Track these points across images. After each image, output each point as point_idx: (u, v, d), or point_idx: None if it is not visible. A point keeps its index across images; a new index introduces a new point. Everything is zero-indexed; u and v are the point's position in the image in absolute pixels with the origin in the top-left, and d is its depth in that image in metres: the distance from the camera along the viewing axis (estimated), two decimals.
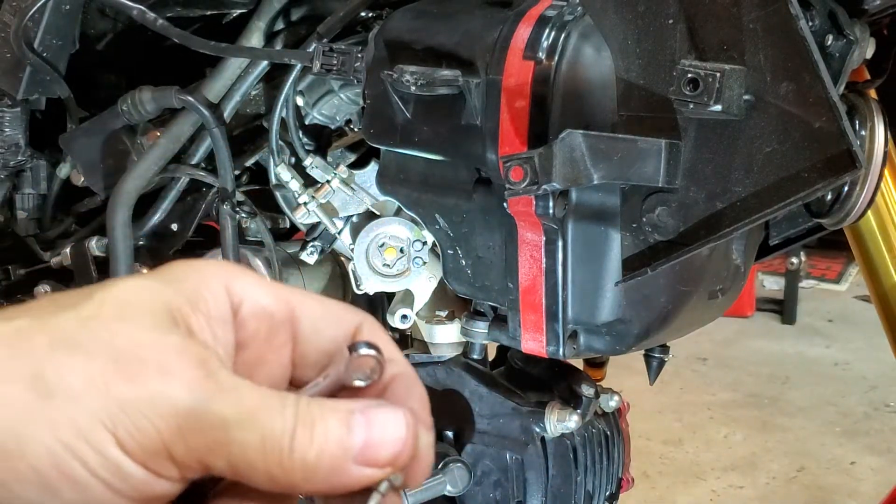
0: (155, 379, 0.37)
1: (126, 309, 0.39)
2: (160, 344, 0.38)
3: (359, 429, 0.39)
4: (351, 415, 0.39)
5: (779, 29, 0.70)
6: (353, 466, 0.39)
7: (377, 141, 0.94)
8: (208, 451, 0.37)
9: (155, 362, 0.37)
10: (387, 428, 0.40)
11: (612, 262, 0.83)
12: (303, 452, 0.38)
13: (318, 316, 0.44)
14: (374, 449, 0.39)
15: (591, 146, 0.73)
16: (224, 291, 0.42)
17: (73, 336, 0.37)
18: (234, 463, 0.38)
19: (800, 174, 0.70)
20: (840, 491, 2.78)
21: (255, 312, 0.42)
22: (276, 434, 0.38)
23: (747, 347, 3.87)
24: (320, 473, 0.38)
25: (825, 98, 0.68)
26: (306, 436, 0.38)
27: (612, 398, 1.12)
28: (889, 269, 1.07)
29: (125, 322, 0.38)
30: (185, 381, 0.37)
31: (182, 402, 0.37)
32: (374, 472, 0.39)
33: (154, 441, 0.36)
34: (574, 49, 0.79)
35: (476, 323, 0.97)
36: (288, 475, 0.38)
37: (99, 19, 1.19)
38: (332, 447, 0.38)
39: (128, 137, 1.15)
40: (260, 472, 0.38)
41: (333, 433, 0.39)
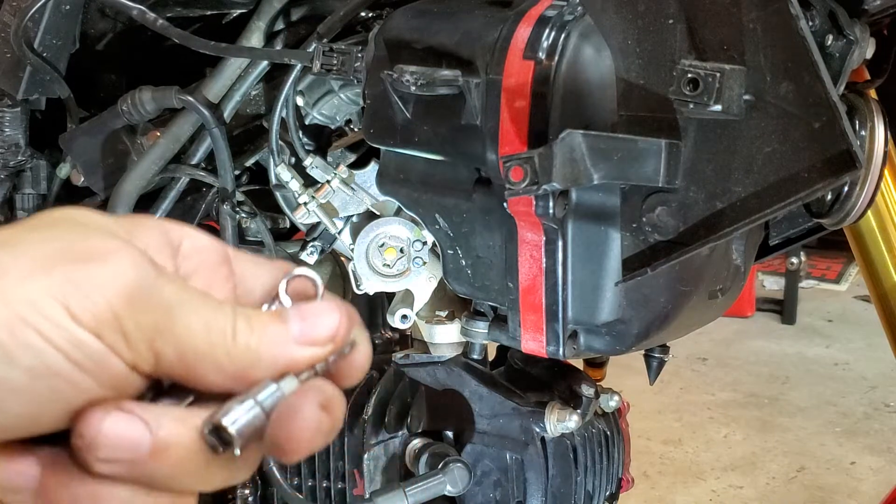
0: (104, 260, 0.40)
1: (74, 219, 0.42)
2: (108, 240, 0.41)
3: (293, 317, 0.43)
4: (282, 309, 0.44)
5: (779, 29, 0.70)
6: (294, 347, 0.43)
7: (377, 141, 0.94)
8: (156, 333, 0.40)
9: (103, 249, 0.40)
10: (321, 313, 0.44)
11: (612, 262, 0.83)
12: (245, 338, 0.41)
13: (252, 259, 0.48)
14: (312, 328, 0.43)
15: (591, 146, 0.73)
16: (160, 232, 0.45)
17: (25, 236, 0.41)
18: (182, 349, 0.40)
19: (800, 174, 0.70)
20: (840, 491, 2.78)
21: (195, 248, 0.46)
22: (219, 323, 0.41)
23: (747, 347, 3.87)
24: (264, 357, 0.42)
25: (825, 98, 0.68)
26: (245, 325, 0.42)
27: (612, 398, 1.12)
28: (889, 269, 1.07)
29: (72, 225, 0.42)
30: (133, 262, 0.40)
31: (130, 278, 0.40)
32: (316, 351, 0.43)
33: (105, 311, 0.39)
34: (574, 49, 0.79)
35: (476, 323, 0.97)
36: (234, 361, 0.41)
37: (99, 19, 1.19)
38: (271, 331, 0.42)
39: (128, 137, 1.15)
40: (208, 361, 0.41)
41: (269, 321, 0.43)
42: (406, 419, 1.09)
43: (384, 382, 1.10)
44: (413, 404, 1.09)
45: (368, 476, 1.08)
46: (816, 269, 4.74)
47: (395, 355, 1.11)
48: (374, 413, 1.08)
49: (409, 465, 1.08)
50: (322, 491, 1.13)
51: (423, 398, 1.09)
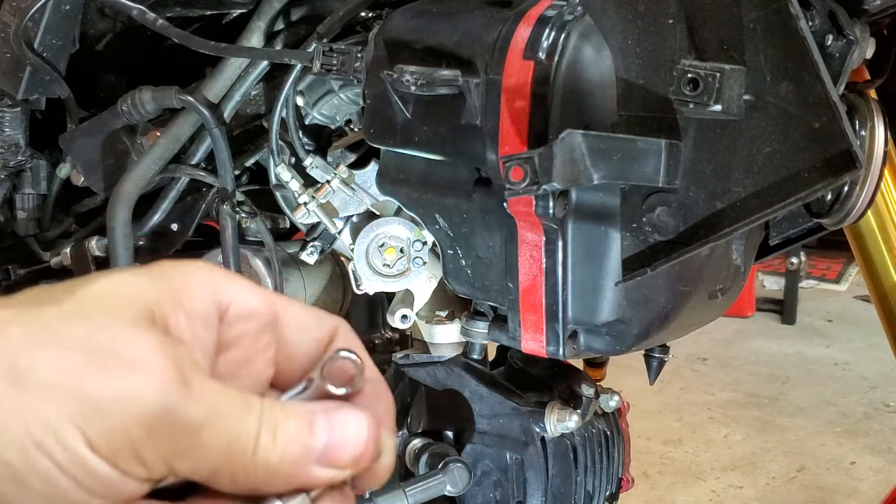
0: (127, 377, 0.37)
1: (106, 304, 0.39)
2: (135, 341, 0.38)
3: (321, 430, 0.40)
4: (313, 416, 0.40)
5: (779, 29, 0.70)
6: (314, 468, 0.40)
7: (377, 141, 0.94)
8: (175, 455, 0.38)
9: (128, 359, 0.37)
10: (348, 429, 0.40)
11: (612, 262, 0.83)
12: (266, 455, 0.39)
13: (300, 319, 0.45)
14: (336, 450, 0.40)
15: (591, 146, 0.73)
16: (210, 292, 0.42)
17: (50, 329, 0.37)
18: (199, 467, 0.38)
19: (800, 174, 0.70)
20: (840, 491, 2.78)
21: (241, 314, 0.43)
22: (241, 438, 0.38)
23: (747, 347, 3.87)
24: (282, 475, 0.39)
25: (825, 98, 0.68)
26: (269, 438, 0.39)
27: (612, 398, 1.12)
28: (889, 269, 1.07)
29: (103, 317, 0.38)
30: (157, 381, 0.37)
31: (152, 404, 0.37)
32: (336, 473, 0.40)
33: (123, 441, 0.36)
34: (574, 49, 0.79)
35: (476, 323, 0.97)
36: (251, 478, 0.39)
37: (99, 19, 1.19)
38: (293, 449, 0.39)
39: (128, 137, 1.15)
40: (224, 475, 0.39)
41: (295, 435, 0.40)
42: (406, 419, 1.09)
43: None
44: (413, 404, 1.09)
45: None
46: (816, 269, 4.74)
47: (395, 355, 1.11)
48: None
49: (409, 465, 1.08)
50: None
51: (423, 398, 1.09)
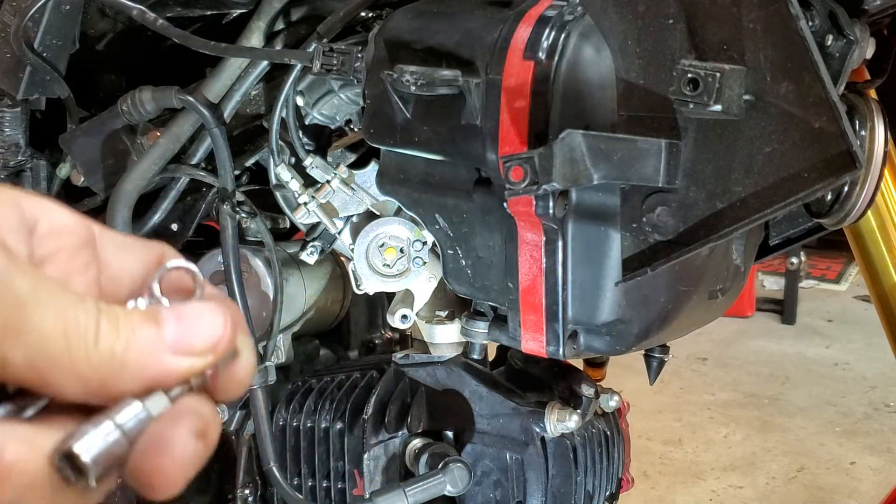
0: None
1: None
2: None
3: (169, 320, 0.37)
4: (158, 309, 0.38)
5: (779, 29, 0.70)
6: (167, 357, 0.36)
7: (377, 141, 0.94)
8: (4, 334, 0.34)
9: None
10: (199, 317, 0.38)
11: (612, 262, 0.83)
12: (109, 343, 0.35)
13: (120, 241, 0.42)
14: (189, 336, 0.37)
15: (591, 146, 0.73)
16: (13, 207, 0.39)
17: None
18: (33, 353, 0.34)
19: (800, 174, 0.70)
20: (840, 491, 2.78)
21: (53, 229, 0.40)
22: (80, 323, 0.35)
23: (747, 347, 3.87)
24: (131, 366, 0.36)
25: (825, 98, 0.68)
26: (111, 326, 0.36)
27: (612, 398, 1.12)
28: (889, 269, 1.07)
29: None
30: None
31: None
32: (192, 362, 0.37)
33: None
34: (574, 49, 0.79)
35: (476, 323, 0.97)
36: (96, 370, 0.35)
37: (99, 19, 1.19)
38: (141, 336, 0.36)
39: (128, 137, 1.15)
40: (64, 368, 0.35)
41: (140, 323, 0.36)
42: (406, 419, 1.09)
43: (384, 382, 1.10)
44: (413, 404, 1.09)
45: (368, 476, 1.08)
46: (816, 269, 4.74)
47: (395, 355, 1.11)
48: (374, 413, 1.08)
49: (409, 465, 1.08)
50: (322, 491, 1.13)
51: (423, 398, 1.09)
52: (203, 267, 1.17)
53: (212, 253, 1.15)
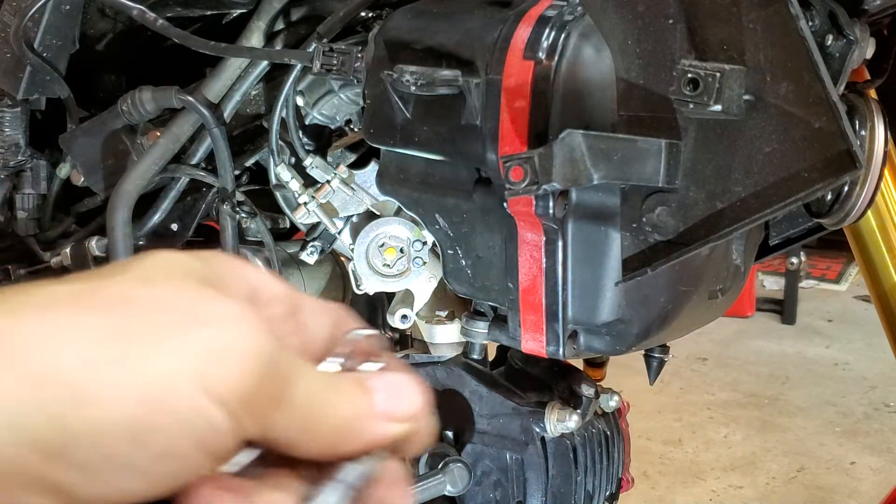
0: (233, 326, 0.37)
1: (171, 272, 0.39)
2: (220, 298, 0.38)
3: (377, 388, 0.41)
4: (363, 377, 0.42)
5: (779, 29, 0.70)
6: (378, 423, 0.41)
7: (377, 141, 0.94)
8: (275, 406, 0.37)
9: (224, 313, 0.37)
10: (400, 385, 0.42)
11: (612, 262, 0.83)
12: (339, 411, 0.40)
13: (315, 306, 0.45)
14: (395, 404, 0.41)
15: (591, 146, 0.73)
16: (243, 279, 0.42)
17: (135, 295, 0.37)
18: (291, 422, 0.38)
19: (800, 174, 0.70)
20: (840, 491, 2.78)
21: (270, 298, 0.43)
22: (319, 392, 0.39)
23: (747, 347, 3.87)
24: (354, 432, 0.40)
25: (825, 98, 0.68)
26: (339, 397, 0.40)
27: (612, 398, 1.12)
28: (889, 269, 1.07)
29: (178, 281, 0.38)
30: (261, 332, 0.37)
31: (262, 347, 0.37)
32: (398, 428, 0.41)
33: (241, 387, 0.36)
34: (574, 49, 0.79)
35: (476, 323, 0.97)
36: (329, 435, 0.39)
37: (99, 19, 1.19)
38: (361, 404, 0.40)
39: (128, 137, 1.15)
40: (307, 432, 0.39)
41: (355, 391, 0.41)
42: None
43: None
44: None
45: None
46: (816, 269, 4.74)
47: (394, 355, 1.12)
48: None
49: (410, 465, 1.08)
50: None
51: None
52: None
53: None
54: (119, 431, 0.34)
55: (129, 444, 0.34)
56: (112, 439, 0.34)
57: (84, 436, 0.34)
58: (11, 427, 0.33)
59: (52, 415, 0.33)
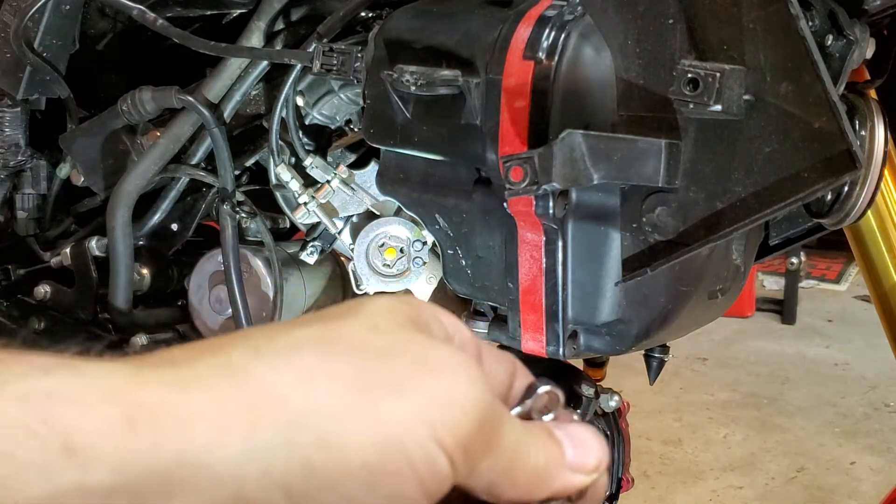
0: (458, 375, 0.39)
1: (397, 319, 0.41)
2: (443, 348, 0.40)
3: (566, 441, 0.43)
4: (551, 428, 0.44)
5: (779, 29, 0.70)
6: (567, 473, 0.43)
7: (377, 141, 0.94)
8: (486, 450, 0.39)
9: (450, 362, 0.39)
10: (587, 438, 0.44)
11: (612, 262, 0.83)
12: (537, 458, 0.42)
13: (494, 355, 0.47)
14: (582, 455, 0.43)
15: (591, 146, 0.73)
16: (440, 322, 0.44)
17: (370, 342, 0.39)
18: (494, 466, 0.40)
19: (800, 174, 0.70)
20: (840, 491, 2.78)
21: (462, 345, 0.45)
22: (522, 439, 0.41)
23: (747, 347, 3.87)
24: (548, 479, 0.42)
25: (825, 98, 0.68)
26: (537, 447, 0.42)
27: (612, 398, 1.12)
28: (889, 269, 1.07)
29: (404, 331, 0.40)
30: (479, 378, 0.39)
31: (483, 396, 0.39)
32: (584, 479, 0.44)
33: (463, 434, 0.37)
34: (574, 49, 0.79)
35: (476, 323, 0.97)
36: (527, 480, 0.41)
37: (99, 19, 1.19)
38: (553, 453, 0.43)
39: (128, 137, 1.15)
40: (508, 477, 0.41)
41: (550, 443, 0.43)
42: None
43: None
44: None
45: None
46: (816, 269, 4.74)
47: None
48: None
49: None
50: None
51: None
52: (203, 267, 1.17)
53: (212, 253, 1.15)
54: (358, 475, 0.36)
55: (365, 487, 0.36)
56: (352, 482, 0.36)
57: (328, 479, 0.35)
58: (265, 471, 0.34)
59: (303, 459, 0.35)
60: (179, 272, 1.22)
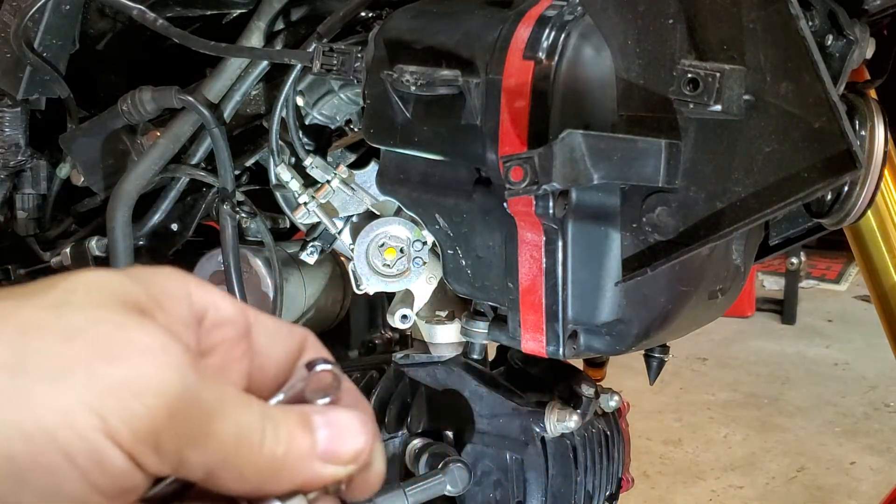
0: (146, 361, 0.35)
1: (95, 296, 0.37)
2: (142, 327, 0.36)
3: (321, 427, 0.40)
4: (309, 414, 0.40)
5: (779, 29, 0.70)
6: (317, 463, 0.39)
7: (377, 141, 0.94)
8: (190, 442, 0.36)
9: (141, 344, 0.36)
10: (345, 425, 0.41)
11: (612, 262, 0.83)
12: (272, 448, 0.38)
13: (271, 329, 0.44)
14: (337, 445, 0.40)
15: (591, 146, 0.73)
16: (185, 297, 0.41)
17: (45, 321, 0.35)
18: (209, 458, 0.37)
19: (800, 174, 0.70)
20: (840, 491, 2.78)
21: (218, 321, 0.42)
22: (250, 429, 0.38)
23: (747, 347, 3.87)
24: (287, 471, 0.39)
25: (825, 98, 0.68)
26: (273, 432, 0.38)
27: (612, 398, 1.12)
28: (889, 269, 1.07)
29: (97, 308, 0.36)
30: (177, 364, 0.36)
31: (175, 386, 0.35)
32: (337, 470, 0.40)
33: (145, 426, 0.34)
34: (574, 49, 0.79)
35: (476, 323, 0.97)
36: (256, 474, 0.38)
37: (99, 19, 1.19)
38: (298, 443, 0.39)
39: (128, 137, 1.15)
40: (231, 470, 0.37)
41: (297, 429, 0.39)
42: (406, 419, 1.09)
43: (384, 382, 1.10)
44: (413, 404, 1.09)
45: None
46: (816, 269, 4.74)
47: (395, 355, 1.11)
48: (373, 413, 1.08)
49: (409, 465, 1.08)
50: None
51: (423, 398, 1.09)
52: (203, 267, 1.17)
53: (212, 253, 1.15)
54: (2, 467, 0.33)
55: (12, 481, 0.33)
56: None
57: None
58: None
59: None
60: None
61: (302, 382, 0.43)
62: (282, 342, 0.44)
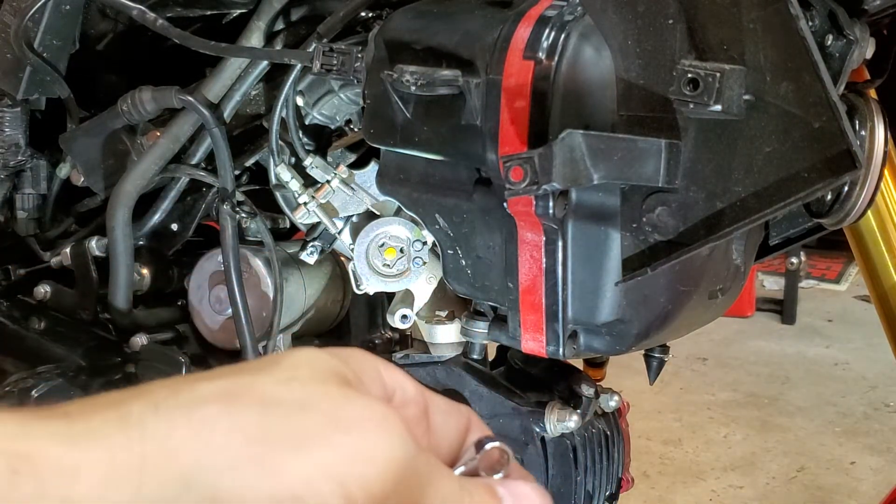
0: (373, 430, 0.38)
1: (318, 372, 0.40)
2: (363, 401, 0.39)
3: (506, 497, 0.43)
4: (493, 485, 0.43)
5: (779, 29, 0.70)
6: None
7: (377, 141, 0.94)
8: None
9: (369, 416, 0.38)
10: (529, 495, 0.43)
11: (612, 262, 0.83)
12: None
13: (444, 408, 0.46)
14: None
15: (591, 146, 0.73)
16: (379, 377, 0.43)
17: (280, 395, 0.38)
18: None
19: (800, 174, 0.70)
20: (840, 491, 2.78)
21: (404, 401, 0.44)
22: (453, 497, 0.40)
23: (747, 347, 3.87)
24: None
25: (825, 98, 0.68)
26: (468, 500, 0.41)
27: (612, 398, 1.12)
28: (889, 269, 1.07)
29: (323, 384, 0.39)
30: (398, 432, 0.38)
31: (400, 452, 0.38)
32: None
33: (378, 491, 0.36)
34: (574, 49, 0.79)
35: (476, 323, 0.97)
36: None
37: (99, 19, 1.19)
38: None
39: (128, 137, 1.15)
40: None
41: (489, 500, 0.42)
42: None
43: None
44: None
45: None
46: (816, 269, 4.74)
47: (395, 355, 1.11)
48: None
49: None
50: None
51: None
52: (203, 267, 1.17)
53: (212, 253, 1.15)
54: None
55: None
56: None
57: None
58: None
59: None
60: (179, 272, 1.22)
61: (474, 460, 0.45)
62: (453, 421, 0.46)
